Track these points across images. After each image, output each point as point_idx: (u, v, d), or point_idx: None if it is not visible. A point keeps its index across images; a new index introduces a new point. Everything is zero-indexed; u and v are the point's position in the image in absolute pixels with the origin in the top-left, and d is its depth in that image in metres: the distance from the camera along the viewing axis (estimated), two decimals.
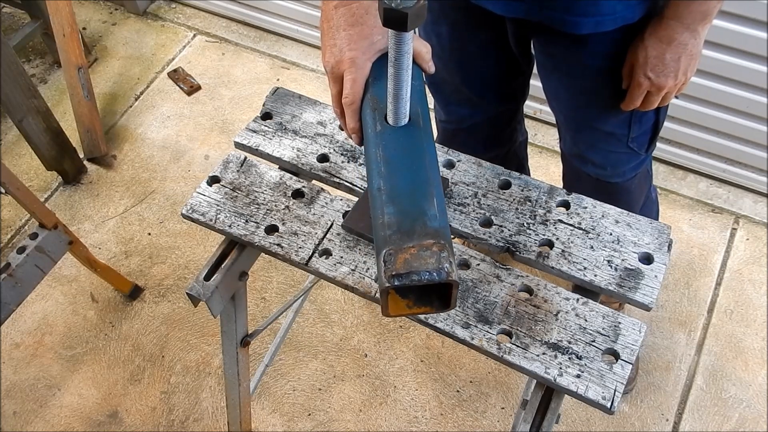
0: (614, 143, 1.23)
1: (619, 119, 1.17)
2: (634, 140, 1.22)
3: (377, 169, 0.75)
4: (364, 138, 0.82)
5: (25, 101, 1.85)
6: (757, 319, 1.81)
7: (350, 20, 0.82)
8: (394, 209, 0.71)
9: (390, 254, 0.67)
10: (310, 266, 0.94)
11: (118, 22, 2.63)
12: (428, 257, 0.67)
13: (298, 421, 1.70)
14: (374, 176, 0.75)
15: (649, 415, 1.68)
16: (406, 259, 0.67)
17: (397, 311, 0.72)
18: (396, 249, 0.68)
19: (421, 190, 0.74)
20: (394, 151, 0.77)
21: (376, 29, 0.82)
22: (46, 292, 1.92)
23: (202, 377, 1.77)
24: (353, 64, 0.82)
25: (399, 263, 0.67)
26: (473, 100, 1.36)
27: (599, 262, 0.93)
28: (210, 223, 1.00)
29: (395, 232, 0.69)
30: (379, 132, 0.78)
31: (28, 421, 1.72)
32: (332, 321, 1.85)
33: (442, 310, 0.73)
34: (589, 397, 0.82)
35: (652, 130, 1.22)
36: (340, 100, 0.84)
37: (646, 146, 1.26)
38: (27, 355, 1.82)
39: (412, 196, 0.73)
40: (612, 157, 1.26)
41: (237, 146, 1.11)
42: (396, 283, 0.66)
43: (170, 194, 2.12)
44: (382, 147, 0.77)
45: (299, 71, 2.43)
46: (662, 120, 1.21)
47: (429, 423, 1.69)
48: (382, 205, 0.72)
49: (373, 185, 0.75)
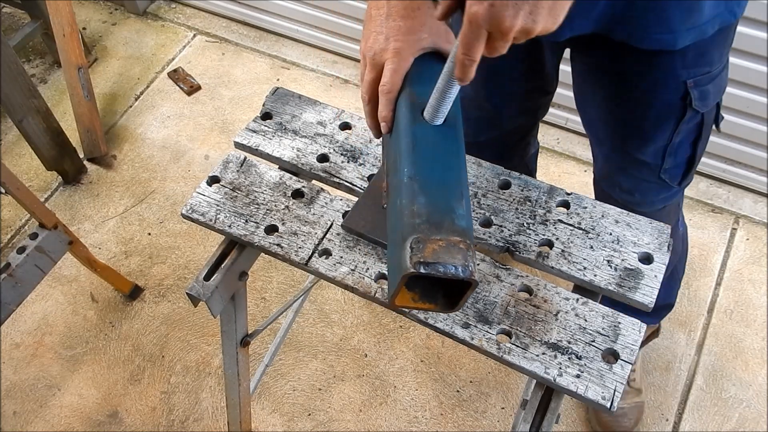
0: (646, 172, 1.17)
1: (654, 148, 1.11)
2: (667, 172, 1.16)
3: (410, 159, 0.75)
4: (394, 129, 0.81)
5: (25, 101, 1.85)
6: (757, 319, 1.81)
7: (402, 12, 0.82)
8: (425, 200, 0.71)
9: (418, 241, 0.67)
10: (310, 266, 0.94)
11: (118, 22, 2.63)
12: (456, 252, 0.67)
13: (298, 421, 1.70)
14: (406, 165, 0.75)
15: (649, 415, 1.68)
16: (435, 249, 0.67)
17: (403, 302, 0.72)
18: (425, 238, 0.68)
19: (453, 188, 0.75)
20: (429, 146, 0.77)
21: (425, 26, 0.82)
22: (46, 292, 1.92)
23: (202, 377, 1.77)
24: (397, 54, 0.81)
25: (428, 251, 0.67)
26: (493, 116, 1.32)
27: (599, 262, 0.93)
28: (210, 223, 1.00)
29: (425, 221, 0.69)
30: (417, 126, 0.78)
31: (28, 421, 1.72)
32: (332, 321, 1.85)
33: (445, 310, 0.73)
34: (588, 397, 0.82)
35: (686, 163, 1.15)
36: (374, 87, 0.83)
37: (679, 179, 1.20)
38: (27, 355, 1.82)
39: (443, 191, 0.74)
40: (642, 185, 1.21)
41: (237, 146, 1.11)
42: (422, 270, 0.66)
43: (170, 194, 2.12)
44: (418, 140, 0.77)
45: (299, 71, 2.43)
46: (699, 154, 1.14)
47: (429, 423, 1.69)
48: (413, 194, 0.72)
49: (403, 174, 0.74)
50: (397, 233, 0.71)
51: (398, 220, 0.72)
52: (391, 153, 0.82)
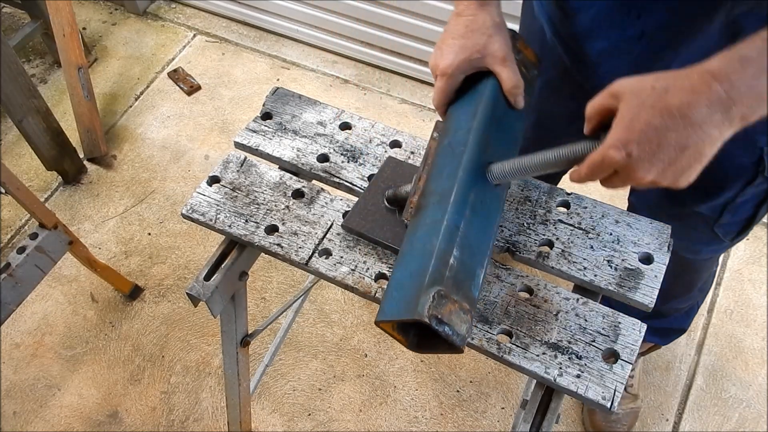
0: (700, 222, 1.09)
1: (713, 204, 1.04)
2: (722, 227, 1.09)
3: (462, 210, 0.78)
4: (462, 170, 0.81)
5: (25, 101, 1.85)
6: (757, 319, 1.81)
7: (461, 31, 0.86)
8: (459, 257, 0.75)
9: (441, 296, 0.71)
10: (310, 266, 0.94)
11: (118, 22, 2.63)
12: (463, 321, 0.71)
13: (298, 421, 1.70)
14: (454, 212, 0.78)
15: (649, 415, 1.68)
16: (451, 311, 0.71)
17: (385, 326, 0.76)
18: (447, 294, 0.72)
19: (482, 254, 0.79)
20: (480, 204, 0.80)
21: (477, 47, 0.86)
22: (46, 292, 1.92)
23: (202, 377, 1.77)
24: (445, 74, 0.86)
25: (445, 311, 0.70)
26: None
27: (599, 262, 0.93)
28: (210, 223, 1.00)
29: (452, 277, 0.73)
30: (479, 181, 0.81)
31: (28, 421, 1.72)
32: (332, 321, 1.85)
33: (411, 348, 0.77)
34: (589, 397, 0.82)
35: (745, 222, 1.08)
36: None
37: (734, 236, 1.12)
38: (27, 355, 1.82)
39: (475, 254, 0.78)
40: (692, 234, 1.12)
41: (237, 146, 1.11)
42: (433, 325, 0.69)
43: (170, 194, 2.12)
44: (475, 195, 0.80)
45: (299, 71, 2.43)
46: (761, 216, 1.06)
47: (429, 423, 1.69)
48: (452, 244, 0.75)
49: (448, 216, 0.77)
50: (421, 267, 0.74)
51: (426, 257, 0.74)
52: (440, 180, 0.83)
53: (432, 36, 2.16)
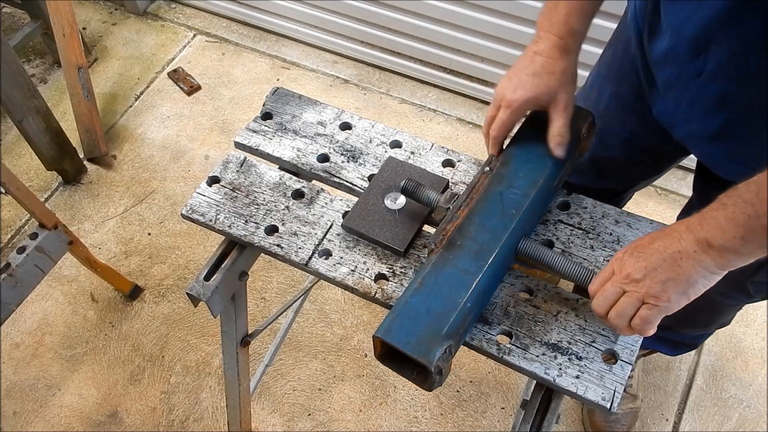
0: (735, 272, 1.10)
1: None
2: (754, 283, 1.08)
3: (495, 275, 0.85)
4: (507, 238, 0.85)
5: (25, 101, 1.85)
6: (757, 319, 1.81)
7: (537, 70, 0.88)
8: (472, 304, 0.81)
9: (450, 351, 0.77)
10: (310, 266, 0.94)
11: (118, 22, 2.63)
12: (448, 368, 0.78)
13: (298, 421, 1.70)
14: (491, 278, 0.84)
15: (649, 415, 1.68)
16: (449, 364, 0.78)
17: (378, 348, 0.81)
18: (454, 349, 0.78)
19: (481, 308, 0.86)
20: (503, 260, 0.85)
21: (549, 89, 0.88)
22: (46, 292, 1.92)
23: (202, 377, 1.77)
24: (511, 106, 0.89)
25: (447, 364, 0.77)
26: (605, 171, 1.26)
27: (599, 262, 0.93)
28: (210, 224, 1.00)
29: (461, 324, 0.79)
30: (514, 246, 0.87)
31: (28, 421, 1.72)
32: (332, 321, 1.85)
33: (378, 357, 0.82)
34: (588, 397, 0.82)
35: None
36: (490, 123, 0.92)
37: (764, 294, 1.11)
38: (27, 355, 1.82)
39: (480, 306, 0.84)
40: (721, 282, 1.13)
41: (237, 146, 1.11)
42: (434, 373, 0.75)
43: (170, 194, 2.12)
44: (506, 250, 0.85)
45: (299, 71, 2.43)
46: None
47: (429, 423, 1.69)
48: (476, 304, 0.82)
49: (484, 283, 0.83)
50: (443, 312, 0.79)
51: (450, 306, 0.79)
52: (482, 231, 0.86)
53: (432, 36, 2.16)
